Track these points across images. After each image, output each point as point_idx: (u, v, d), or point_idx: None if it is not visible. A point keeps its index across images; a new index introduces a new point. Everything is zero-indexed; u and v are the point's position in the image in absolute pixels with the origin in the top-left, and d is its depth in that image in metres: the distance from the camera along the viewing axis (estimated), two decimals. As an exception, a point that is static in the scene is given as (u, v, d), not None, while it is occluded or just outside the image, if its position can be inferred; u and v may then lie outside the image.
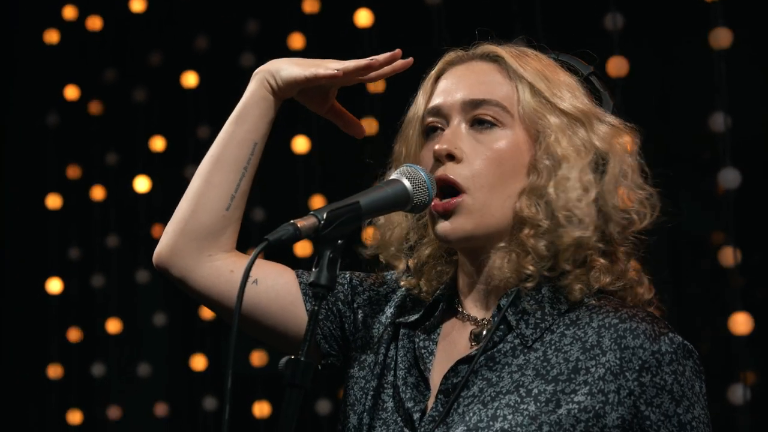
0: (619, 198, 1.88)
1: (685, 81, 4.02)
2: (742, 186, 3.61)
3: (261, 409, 4.73)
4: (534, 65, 1.93)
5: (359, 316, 2.02)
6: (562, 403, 1.78)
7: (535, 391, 1.80)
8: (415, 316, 1.97)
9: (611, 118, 1.93)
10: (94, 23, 5.35)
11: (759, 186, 3.81)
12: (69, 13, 5.38)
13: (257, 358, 4.70)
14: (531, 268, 1.85)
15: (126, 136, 5.29)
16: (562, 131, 1.88)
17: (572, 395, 1.78)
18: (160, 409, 5.14)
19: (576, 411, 1.77)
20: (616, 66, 3.79)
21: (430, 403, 1.87)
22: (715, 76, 3.63)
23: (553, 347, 1.83)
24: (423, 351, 1.93)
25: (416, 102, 2.00)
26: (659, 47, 4.11)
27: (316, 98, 2.05)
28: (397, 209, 1.88)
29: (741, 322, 3.56)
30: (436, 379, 1.90)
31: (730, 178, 3.60)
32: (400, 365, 1.93)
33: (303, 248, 4.57)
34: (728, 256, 3.60)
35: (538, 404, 1.78)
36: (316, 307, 1.72)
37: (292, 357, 1.69)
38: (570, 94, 1.91)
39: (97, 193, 5.31)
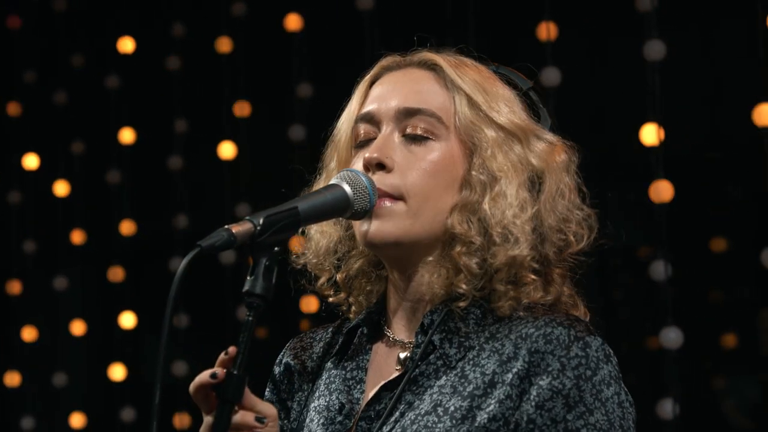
0: (556, 217, 1.83)
1: (619, 92, 4.03)
2: (674, 199, 3.61)
3: (181, 420, 4.67)
4: (472, 76, 1.87)
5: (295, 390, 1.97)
6: (477, 417, 1.73)
7: (452, 408, 1.75)
8: (336, 347, 1.93)
9: (549, 135, 1.87)
10: (14, 23, 5.24)
11: (691, 199, 3.82)
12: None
13: (178, 368, 4.64)
14: (464, 287, 1.80)
15: (46, 139, 5.19)
16: (498, 146, 1.83)
17: (486, 408, 1.73)
18: (76, 420, 5.07)
19: (486, 421, 1.72)
20: (549, 76, 3.78)
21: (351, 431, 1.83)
22: (648, 88, 3.63)
23: (471, 363, 1.78)
24: (351, 382, 1.88)
25: (349, 107, 1.93)
26: (593, 58, 4.12)
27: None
28: (337, 215, 1.80)
29: (671, 337, 3.55)
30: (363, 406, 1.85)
31: (662, 191, 3.60)
32: (328, 397, 1.89)
33: (228, 255, 4.50)
34: (659, 269, 3.59)
35: (454, 421, 1.73)
36: (250, 318, 1.65)
37: (225, 371, 1.63)
38: (508, 109, 1.85)
39: (14, 196, 5.20)
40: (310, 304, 4.25)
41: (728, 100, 3.97)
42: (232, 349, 1.65)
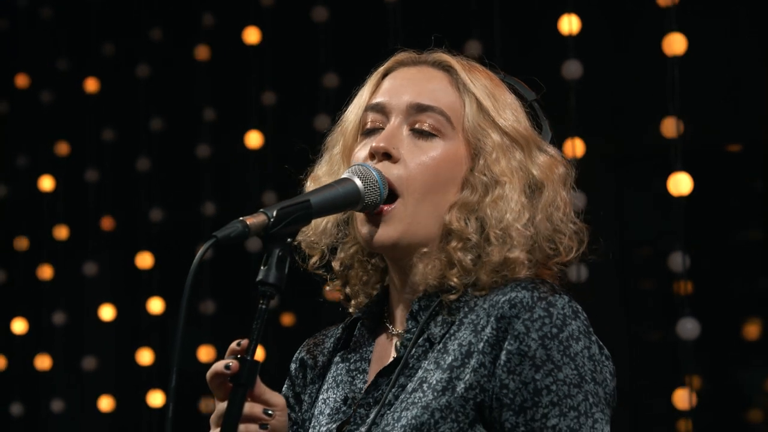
0: (550, 227, 1.87)
1: (639, 86, 4.04)
2: (693, 191, 3.63)
3: (208, 405, 4.71)
4: (483, 82, 1.92)
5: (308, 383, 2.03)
6: (457, 387, 1.78)
7: (434, 381, 1.80)
8: (341, 341, 1.98)
9: (550, 149, 1.93)
10: (46, 13, 5.30)
11: (710, 192, 3.84)
12: (21, 1, 5.33)
13: (204, 353, 4.68)
14: (455, 280, 1.84)
15: (77, 127, 5.25)
16: (502, 151, 1.88)
17: (464, 378, 1.78)
18: (105, 404, 5.11)
19: (463, 390, 1.77)
20: (571, 69, 3.80)
21: (351, 419, 1.88)
22: (668, 81, 3.65)
23: (452, 337, 1.83)
24: (354, 372, 1.93)
25: (360, 95, 1.98)
26: (614, 51, 4.13)
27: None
28: (348, 208, 1.86)
29: (689, 327, 3.57)
30: None
31: (681, 183, 3.62)
32: (335, 389, 1.94)
33: (255, 242, 4.54)
34: (677, 261, 3.61)
35: (435, 393, 1.78)
36: (263, 306, 1.70)
37: (239, 356, 1.68)
38: (513, 117, 1.91)
39: (46, 183, 5.26)
40: (334, 292, 4.29)
41: (747, 94, 3.98)
42: (244, 342, 1.70)
